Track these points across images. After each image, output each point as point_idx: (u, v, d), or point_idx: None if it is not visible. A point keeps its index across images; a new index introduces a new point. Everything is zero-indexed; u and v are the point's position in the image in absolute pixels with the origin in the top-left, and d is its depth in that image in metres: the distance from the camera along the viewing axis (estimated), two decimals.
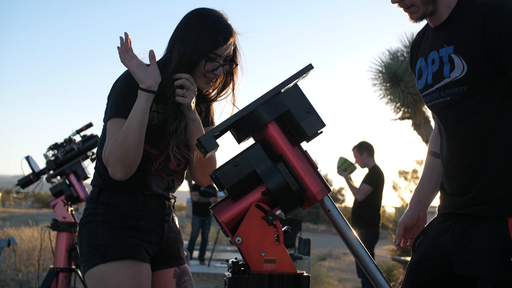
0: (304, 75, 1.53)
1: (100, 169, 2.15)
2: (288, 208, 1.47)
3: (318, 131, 1.49)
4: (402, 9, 2.00)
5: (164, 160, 2.13)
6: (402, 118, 11.85)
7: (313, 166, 1.51)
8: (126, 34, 2.00)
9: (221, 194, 10.48)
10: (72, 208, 4.53)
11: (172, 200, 2.23)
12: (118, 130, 2.00)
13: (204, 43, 2.04)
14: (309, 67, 1.52)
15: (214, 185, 1.61)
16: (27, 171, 4.64)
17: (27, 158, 4.56)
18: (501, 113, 1.90)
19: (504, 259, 1.81)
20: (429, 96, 2.03)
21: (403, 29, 16.31)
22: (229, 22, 2.11)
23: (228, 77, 2.20)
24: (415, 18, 2.00)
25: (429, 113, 12.00)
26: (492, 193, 1.89)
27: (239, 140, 1.51)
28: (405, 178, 32.13)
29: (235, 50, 2.14)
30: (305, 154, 1.51)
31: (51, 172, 4.55)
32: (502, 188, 1.89)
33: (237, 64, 2.15)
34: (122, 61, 1.99)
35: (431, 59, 2.01)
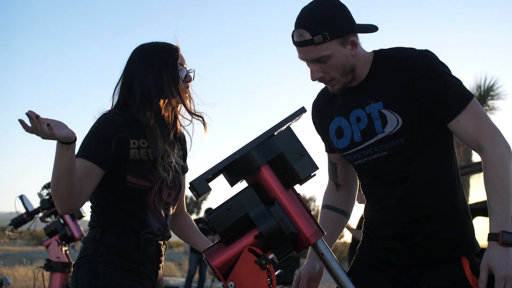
0: (297, 118, 1.53)
1: (98, 211, 2.16)
2: (281, 252, 1.46)
3: (311, 174, 1.49)
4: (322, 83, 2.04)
5: (157, 191, 2.14)
6: None
7: (306, 209, 1.50)
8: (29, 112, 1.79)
9: None
10: (66, 248, 4.49)
11: (164, 247, 2.23)
12: (80, 171, 2.00)
13: (168, 58, 2.15)
14: (302, 110, 1.52)
15: None
16: (21, 209, 4.61)
17: (21, 197, 4.53)
18: (442, 157, 2.01)
19: None
20: (358, 154, 2.05)
21: None
22: None
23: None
24: (337, 89, 2.03)
25: None
26: (442, 236, 1.98)
27: (232, 183, 1.51)
28: None
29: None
30: (298, 197, 1.50)
31: (45, 211, 4.51)
32: (451, 231, 1.98)
33: (195, 70, 2.24)
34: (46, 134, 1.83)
35: (355, 117, 2.03)
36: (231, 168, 1.47)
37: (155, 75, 2.12)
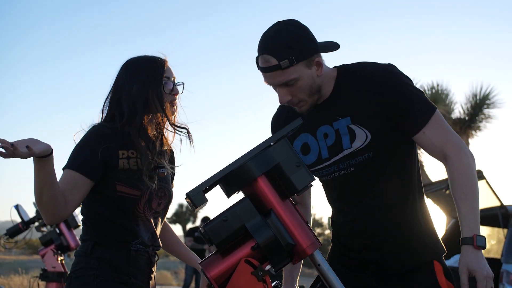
0: (294, 129, 1.54)
1: (89, 223, 2.18)
2: (278, 263, 1.45)
3: (308, 185, 1.49)
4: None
5: (147, 200, 2.17)
6: None
7: (303, 220, 1.50)
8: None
9: None
10: (62, 258, 4.48)
11: (155, 257, 2.25)
12: (67, 182, 2.05)
13: (153, 72, 2.17)
14: (298, 122, 1.53)
15: None
16: (16, 219, 4.61)
17: (16, 207, 4.53)
18: (405, 168, 2.07)
19: None
20: (324, 170, 2.08)
21: None
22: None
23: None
24: (305, 110, 2.04)
25: (423, 158, 12.05)
26: (406, 245, 2.04)
27: (228, 195, 1.51)
28: None
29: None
30: (294, 208, 1.50)
31: (41, 220, 4.50)
32: (415, 239, 2.05)
33: (184, 83, 2.27)
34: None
35: (322, 134, 2.05)
36: (228, 179, 1.47)
37: (140, 89, 2.15)
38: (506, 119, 38.19)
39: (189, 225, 37.58)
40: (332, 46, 2.01)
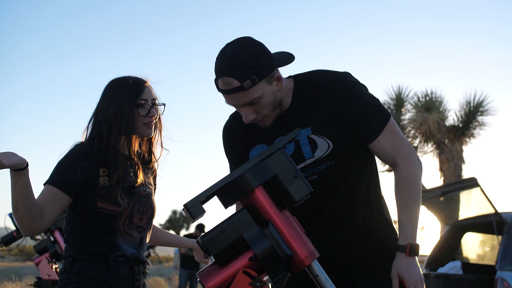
0: (291, 140, 1.54)
1: (70, 240, 2.22)
2: (276, 274, 1.45)
3: (305, 196, 1.49)
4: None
5: (128, 216, 2.20)
6: (389, 170, 11.91)
7: (301, 230, 1.50)
8: None
9: None
10: (56, 266, 4.47)
11: (142, 267, 2.28)
12: (46, 196, 2.12)
13: (129, 95, 2.20)
14: (295, 133, 1.53)
15: None
16: (10, 225, 4.59)
17: (11, 215, 4.51)
18: (364, 174, 2.11)
19: None
20: None
21: (390, 82, 16.55)
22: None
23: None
24: (270, 124, 2.06)
25: None
26: (373, 247, 2.10)
27: (226, 206, 1.51)
28: None
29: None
30: (292, 218, 1.50)
31: None
32: (381, 241, 2.11)
33: (165, 104, 2.30)
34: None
35: None
36: (225, 190, 1.48)
37: (115, 111, 2.19)
38: (500, 126, 38.47)
39: (183, 232, 37.50)
40: (288, 59, 2.03)
